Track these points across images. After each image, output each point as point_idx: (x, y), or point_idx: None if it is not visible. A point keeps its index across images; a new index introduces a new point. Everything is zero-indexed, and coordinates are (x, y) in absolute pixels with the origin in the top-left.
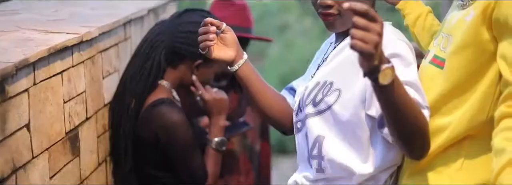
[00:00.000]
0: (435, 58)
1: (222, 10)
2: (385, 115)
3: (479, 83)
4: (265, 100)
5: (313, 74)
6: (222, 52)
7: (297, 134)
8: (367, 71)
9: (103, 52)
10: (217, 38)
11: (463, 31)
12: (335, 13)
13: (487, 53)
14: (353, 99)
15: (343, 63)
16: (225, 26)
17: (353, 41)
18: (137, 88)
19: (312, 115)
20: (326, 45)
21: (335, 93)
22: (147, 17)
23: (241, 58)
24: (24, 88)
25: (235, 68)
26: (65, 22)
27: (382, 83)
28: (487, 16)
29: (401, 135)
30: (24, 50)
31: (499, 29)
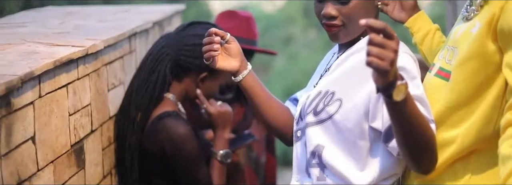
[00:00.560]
0: (441, 70)
1: (227, 22)
2: (395, 130)
3: (485, 95)
4: (269, 110)
5: (316, 84)
6: (226, 63)
7: (296, 142)
8: (381, 87)
9: (108, 64)
10: (221, 49)
11: (468, 43)
12: (339, 24)
13: (492, 65)
14: (355, 110)
15: (345, 74)
16: (229, 36)
17: (369, 58)
18: (142, 101)
19: (313, 124)
20: (329, 55)
21: (336, 103)
22: (152, 29)
23: (245, 69)
24: (30, 101)
25: (239, 79)
26: (71, 34)
27: (395, 99)
28: (492, 27)
29: (410, 149)
30: (29, 63)
31: (504, 39)
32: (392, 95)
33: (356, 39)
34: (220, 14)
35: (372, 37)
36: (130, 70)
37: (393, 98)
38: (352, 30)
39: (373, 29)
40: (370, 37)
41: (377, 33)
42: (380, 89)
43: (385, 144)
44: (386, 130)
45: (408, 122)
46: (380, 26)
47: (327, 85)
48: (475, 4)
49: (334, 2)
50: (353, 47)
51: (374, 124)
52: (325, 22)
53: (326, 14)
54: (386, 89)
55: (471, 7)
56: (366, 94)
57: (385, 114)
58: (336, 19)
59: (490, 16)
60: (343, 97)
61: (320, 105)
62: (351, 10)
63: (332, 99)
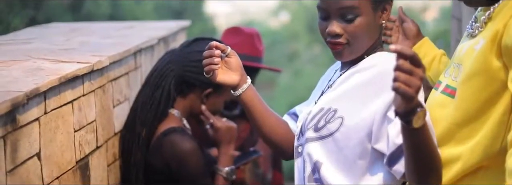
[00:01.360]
0: (447, 87)
1: (232, 38)
2: (408, 155)
3: (491, 112)
4: (267, 124)
5: (317, 100)
6: (226, 76)
7: (297, 158)
8: (402, 113)
9: (114, 81)
10: (221, 62)
11: (472, 60)
12: (344, 42)
13: (497, 81)
14: (357, 129)
15: (349, 92)
16: (230, 50)
17: (396, 84)
18: (147, 117)
19: (313, 140)
20: (331, 71)
21: (337, 121)
22: (157, 46)
23: (245, 83)
24: (35, 117)
25: (239, 93)
26: (76, 51)
27: (414, 126)
28: (496, 43)
29: (418, 173)
30: (35, 80)
31: (509, 55)
32: (411, 121)
33: (360, 57)
34: (226, 30)
35: (400, 63)
36: (136, 86)
37: (412, 125)
38: (356, 48)
39: (402, 56)
40: (398, 64)
41: (406, 60)
42: (400, 115)
43: (389, 167)
44: (391, 154)
45: (422, 148)
46: (409, 53)
47: (330, 102)
48: (480, 21)
49: (339, 20)
50: (358, 65)
51: (377, 146)
52: (330, 40)
53: (331, 32)
54: (406, 115)
55: (476, 24)
56: (370, 115)
57: (390, 138)
58: (341, 37)
59: (494, 32)
60: (345, 115)
61: (322, 122)
62: (356, 28)
63: (333, 117)
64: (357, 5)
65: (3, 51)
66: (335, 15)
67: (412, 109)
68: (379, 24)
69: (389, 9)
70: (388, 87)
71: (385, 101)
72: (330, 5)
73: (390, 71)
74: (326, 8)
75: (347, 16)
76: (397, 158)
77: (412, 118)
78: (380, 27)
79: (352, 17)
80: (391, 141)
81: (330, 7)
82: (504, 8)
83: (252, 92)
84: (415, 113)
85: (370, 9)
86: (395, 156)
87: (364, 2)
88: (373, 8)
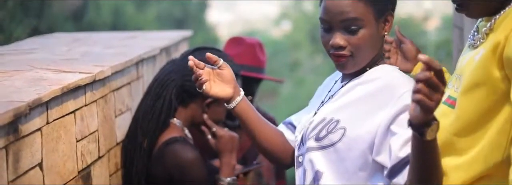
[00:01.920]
0: (449, 98)
1: (233, 48)
2: (415, 166)
3: (492, 122)
4: (263, 135)
5: (317, 110)
6: (219, 89)
7: (298, 168)
8: (417, 125)
9: (116, 91)
10: (214, 75)
11: (472, 70)
12: (347, 54)
13: (499, 91)
14: (360, 141)
15: (352, 103)
16: (222, 62)
17: (419, 96)
18: (149, 126)
19: (314, 149)
20: (330, 81)
21: (340, 131)
22: (159, 56)
23: (238, 95)
24: (37, 127)
25: (233, 105)
26: (78, 61)
27: (427, 138)
28: (498, 55)
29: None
30: (37, 90)
31: (511, 67)
32: (425, 133)
33: (362, 69)
34: (229, 41)
35: (428, 76)
36: (138, 96)
37: (425, 137)
38: (359, 60)
39: (429, 68)
40: (425, 76)
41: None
42: (415, 126)
43: (389, 179)
44: (392, 167)
45: (429, 160)
46: (437, 67)
47: (332, 112)
48: (481, 32)
49: (342, 32)
50: (361, 77)
51: (378, 158)
52: (333, 52)
53: (335, 44)
54: (421, 127)
55: (477, 35)
56: (373, 128)
57: (393, 151)
58: (344, 49)
59: (495, 43)
60: (348, 126)
61: (323, 132)
62: (359, 40)
63: (336, 127)
64: (361, 17)
65: (5, 61)
66: (338, 27)
67: (428, 122)
68: (382, 35)
69: (391, 20)
70: (391, 100)
71: (389, 114)
72: (334, 17)
73: (394, 85)
74: (329, 20)
75: (351, 28)
76: (398, 171)
77: (426, 130)
78: (382, 38)
79: (356, 29)
80: (393, 154)
81: (333, 19)
82: (506, 19)
83: (246, 104)
84: (430, 125)
85: (373, 20)
86: (396, 169)
87: (367, 13)
88: (375, 20)
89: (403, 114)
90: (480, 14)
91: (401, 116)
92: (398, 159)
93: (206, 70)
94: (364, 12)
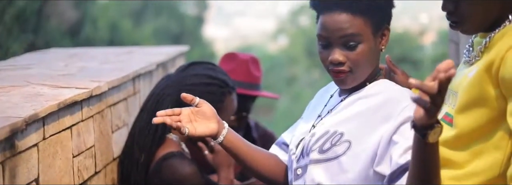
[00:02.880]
0: (447, 115)
1: (227, 64)
2: (414, 168)
3: (489, 138)
4: (254, 163)
5: (315, 123)
6: (204, 127)
7: (296, 180)
8: (421, 126)
9: (112, 106)
10: (195, 113)
11: (466, 88)
12: (347, 70)
13: (495, 109)
14: (363, 154)
15: (355, 117)
16: (198, 100)
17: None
18: (145, 142)
19: (317, 161)
20: (323, 95)
21: (345, 144)
22: (155, 71)
23: (223, 128)
24: (34, 143)
25: (221, 139)
26: (75, 76)
27: (429, 140)
28: (493, 73)
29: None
30: (34, 105)
31: (506, 88)
32: (427, 135)
33: (361, 83)
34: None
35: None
36: (134, 111)
37: (427, 139)
38: (359, 75)
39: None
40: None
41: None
42: (417, 128)
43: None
44: (392, 173)
45: (430, 164)
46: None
47: (335, 125)
48: (476, 50)
49: (341, 48)
50: (361, 91)
51: (378, 168)
52: (332, 69)
53: (334, 60)
54: (423, 129)
55: (473, 53)
56: (377, 141)
57: (393, 158)
58: (343, 65)
59: (489, 62)
60: (353, 139)
61: (327, 144)
62: (358, 56)
63: (340, 140)
64: (359, 32)
65: (2, 76)
66: (337, 43)
67: (431, 124)
68: (379, 50)
69: (387, 34)
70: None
71: (392, 126)
72: (332, 33)
73: (397, 99)
74: (327, 36)
75: (349, 44)
76: (397, 177)
77: (428, 132)
78: (379, 53)
79: (354, 45)
80: (393, 160)
81: (332, 35)
82: (502, 38)
83: (232, 135)
84: (433, 128)
85: (371, 35)
86: (395, 175)
87: (365, 29)
88: (373, 34)
89: (405, 124)
90: (474, 31)
91: (403, 126)
92: (397, 165)
93: (185, 113)
94: (362, 28)
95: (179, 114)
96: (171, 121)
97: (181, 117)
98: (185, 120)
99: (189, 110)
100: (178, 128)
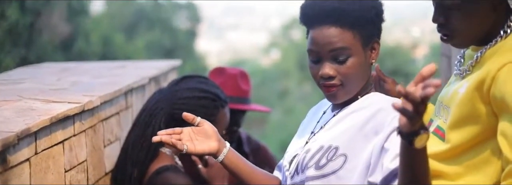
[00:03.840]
0: (438, 129)
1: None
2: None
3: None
4: (256, 183)
5: (309, 139)
6: (205, 145)
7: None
8: (406, 133)
9: (105, 120)
10: (194, 133)
11: (457, 105)
12: (338, 84)
13: (486, 125)
14: (359, 166)
15: (349, 131)
16: (199, 119)
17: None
18: (138, 156)
19: (314, 178)
20: (316, 114)
21: (341, 158)
22: (148, 85)
23: (224, 147)
24: (26, 158)
25: (221, 158)
26: (67, 91)
27: (416, 146)
28: (484, 92)
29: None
30: (26, 120)
31: (498, 106)
32: (413, 141)
33: (353, 98)
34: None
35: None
36: (127, 126)
37: (414, 145)
38: (350, 89)
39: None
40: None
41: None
42: (403, 134)
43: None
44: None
45: (418, 170)
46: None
47: (329, 140)
48: (467, 64)
49: (331, 62)
50: (353, 105)
51: (371, 178)
52: (323, 83)
53: (324, 75)
54: (409, 135)
55: (463, 67)
56: (370, 150)
57: (384, 164)
58: (334, 79)
59: (479, 80)
60: (348, 153)
61: (323, 160)
62: (348, 69)
63: (336, 154)
64: (348, 46)
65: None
66: (327, 57)
67: (416, 131)
68: (370, 63)
69: (377, 48)
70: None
71: (383, 135)
72: (322, 47)
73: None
74: (317, 50)
75: (339, 58)
76: (389, 182)
77: (414, 138)
78: (371, 66)
79: (344, 58)
80: (384, 166)
81: (322, 50)
82: (493, 55)
83: (233, 154)
84: (418, 134)
85: (360, 49)
86: (388, 180)
87: (354, 42)
88: (363, 48)
89: (395, 132)
90: (466, 45)
91: (393, 134)
92: (388, 170)
93: (186, 132)
94: (351, 41)
95: (180, 133)
96: (168, 138)
97: (181, 135)
98: (185, 138)
99: (190, 129)
100: (175, 145)
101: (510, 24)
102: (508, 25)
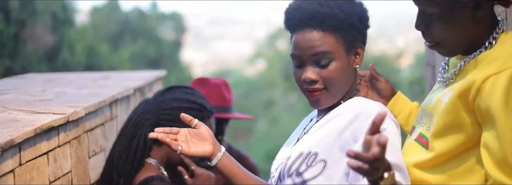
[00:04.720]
0: (421, 137)
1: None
2: None
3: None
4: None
5: (293, 145)
6: (199, 148)
7: None
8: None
9: (89, 131)
10: (190, 135)
11: (441, 114)
12: (321, 88)
13: (470, 134)
14: (340, 171)
15: (328, 136)
16: (197, 121)
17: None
18: (124, 167)
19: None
20: (306, 122)
21: (320, 164)
22: (133, 96)
23: (219, 151)
24: (10, 169)
25: (215, 162)
26: (52, 102)
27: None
28: (469, 101)
29: None
30: (10, 131)
31: (482, 117)
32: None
33: (336, 103)
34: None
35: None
36: (111, 137)
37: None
38: (333, 94)
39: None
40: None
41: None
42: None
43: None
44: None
45: None
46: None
47: (309, 146)
48: (451, 72)
49: (313, 66)
50: (334, 111)
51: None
52: (306, 88)
53: (307, 78)
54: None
55: (446, 75)
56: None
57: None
58: (317, 83)
59: (463, 89)
60: (328, 158)
61: (303, 166)
62: (331, 73)
63: (315, 160)
64: (331, 50)
65: None
66: (309, 61)
67: (380, 176)
68: (353, 69)
69: (361, 53)
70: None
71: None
72: (304, 51)
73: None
74: (299, 55)
75: (321, 62)
76: None
77: (379, 182)
78: (355, 72)
79: (326, 62)
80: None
81: (304, 54)
82: (477, 66)
83: (228, 159)
84: (382, 179)
85: (343, 53)
86: None
87: (337, 46)
88: (346, 52)
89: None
90: (451, 54)
91: None
92: None
93: (182, 133)
94: (333, 45)
95: (177, 133)
96: (164, 136)
97: (177, 136)
98: (181, 139)
99: (187, 131)
100: (169, 144)
101: (496, 35)
102: (493, 37)
